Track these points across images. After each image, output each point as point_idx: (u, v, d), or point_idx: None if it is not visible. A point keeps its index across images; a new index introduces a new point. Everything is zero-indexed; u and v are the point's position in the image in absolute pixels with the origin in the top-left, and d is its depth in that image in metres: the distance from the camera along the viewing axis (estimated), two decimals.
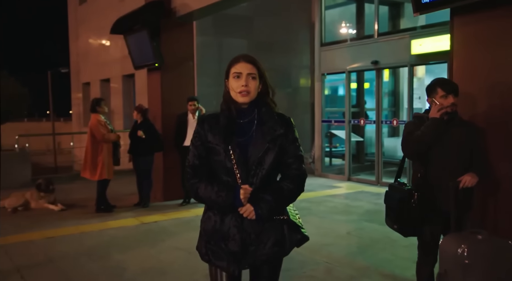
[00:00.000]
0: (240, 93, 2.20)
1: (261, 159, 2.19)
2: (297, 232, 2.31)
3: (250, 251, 2.21)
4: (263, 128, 2.21)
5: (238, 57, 2.27)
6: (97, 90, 17.11)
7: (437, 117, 3.11)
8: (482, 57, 3.41)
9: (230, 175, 2.20)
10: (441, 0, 3.43)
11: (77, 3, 19.19)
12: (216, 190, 2.19)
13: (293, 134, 2.28)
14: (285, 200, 2.25)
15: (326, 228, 6.04)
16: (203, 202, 2.29)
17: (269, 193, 2.19)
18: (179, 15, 7.75)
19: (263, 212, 2.16)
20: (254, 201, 2.16)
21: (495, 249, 2.95)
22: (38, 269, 4.66)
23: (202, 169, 2.25)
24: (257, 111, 2.25)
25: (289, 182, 2.24)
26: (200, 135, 2.26)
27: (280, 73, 14.31)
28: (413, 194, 3.19)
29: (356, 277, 4.30)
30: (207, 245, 2.28)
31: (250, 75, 2.22)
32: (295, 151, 2.27)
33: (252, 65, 2.24)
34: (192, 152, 2.28)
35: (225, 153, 2.18)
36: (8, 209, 7.29)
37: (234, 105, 2.23)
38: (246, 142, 2.21)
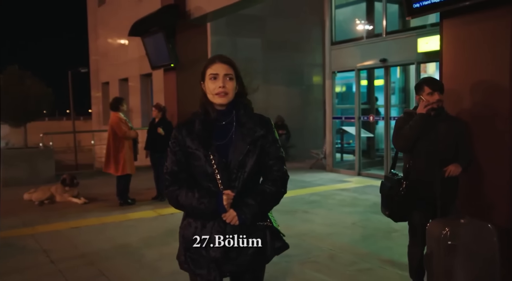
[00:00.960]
0: (218, 94, 2.14)
1: (242, 162, 2.13)
2: (278, 239, 2.26)
3: (232, 258, 2.14)
4: (243, 129, 2.15)
5: (213, 58, 2.21)
6: (116, 89, 17.63)
7: (424, 112, 3.43)
8: (468, 57, 3.70)
9: (211, 180, 2.14)
10: (431, 5, 3.73)
11: (96, 5, 19.74)
12: (197, 196, 2.11)
13: (273, 135, 2.22)
14: (268, 203, 2.20)
15: (333, 219, 6.36)
16: (184, 209, 2.22)
17: (251, 197, 2.13)
18: (193, 17, 8.13)
19: (246, 217, 2.10)
20: (236, 206, 2.10)
21: (475, 231, 3.26)
22: (64, 253, 5.08)
23: (181, 176, 2.18)
24: (235, 112, 2.20)
25: (271, 185, 2.18)
26: (178, 141, 2.18)
27: (293, 71, 14.64)
28: (402, 183, 3.51)
29: (357, 262, 4.63)
30: (186, 253, 2.20)
31: (227, 76, 2.16)
32: (275, 152, 2.20)
33: (228, 65, 2.17)
34: (170, 158, 2.20)
35: (205, 158, 2.12)
36: (35, 202, 7.78)
37: (211, 107, 2.18)
38: (226, 145, 2.15)
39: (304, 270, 4.40)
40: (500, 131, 3.49)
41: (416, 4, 3.82)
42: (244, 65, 12.70)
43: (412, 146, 3.50)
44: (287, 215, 6.53)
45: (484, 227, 3.29)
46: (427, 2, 3.74)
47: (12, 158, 9.84)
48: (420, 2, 3.78)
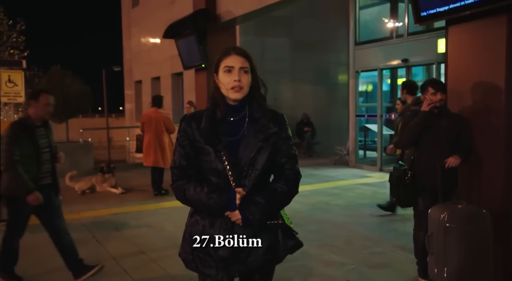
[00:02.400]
0: (233, 88, 2.02)
1: (254, 160, 2.03)
2: (291, 238, 2.16)
3: (241, 258, 2.04)
4: (255, 126, 2.05)
5: (228, 49, 2.09)
6: (148, 87, 18.38)
7: (427, 110, 3.86)
8: (469, 60, 4.09)
9: (220, 176, 2.03)
10: (436, 14, 4.14)
11: (130, 6, 20.55)
12: (206, 191, 2.02)
13: (286, 132, 2.13)
14: (279, 204, 2.10)
15: (351, 210, 6.81)
16: (191, 205, 2.13)
17: (262, 196, 2.03)
18: (223, 20, 8.66)
19: (254, 218, 1.99)
20: (245, 205, 2.00)
21: (471, 215, 3.68)
22: (107, 235, 5.70)
23: (189, 170, 2.08)
24: (248, 107, 2.09)
25: (283, 184, 2.08)
26: (187, 134, 2.08)
27: (319, 70, 15.04)
28: (407, 173, 3.96)
29: (370, 246, 5.08)
30: (193, 251, 2.09)
31: (243, 69, 2.04)
32: (288, 150, 2.11)
33: (244, 58, 2.06)
34: (178, 152, 2.10)
35: (215, 153, 2.02)
36: (78, 192, 8.48)
37: (223, 102, 2.07)
38: (237, 141, 2.04)
39: (321, 252, 4.87)
40: (496, 126, 3.89)
41: (423, 12, 4.24)
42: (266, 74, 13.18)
43: (416, 140, 3.94)
44: (309, 205, 7.00)
45: (479, 211, 3.71)
46: (433, 11, 4.15)
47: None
48: (427, 11, 4.20)
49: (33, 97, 4.09)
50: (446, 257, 3.66)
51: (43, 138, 4.06)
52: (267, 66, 14.37)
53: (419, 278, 4.08)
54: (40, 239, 4.65)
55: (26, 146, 3.93)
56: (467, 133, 3.91)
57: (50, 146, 4.13)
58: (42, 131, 4.07)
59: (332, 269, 4.40)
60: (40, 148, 4.03)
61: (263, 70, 10.51)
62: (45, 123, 4.15)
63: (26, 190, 3.90)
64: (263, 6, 7.56)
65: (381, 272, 4.32)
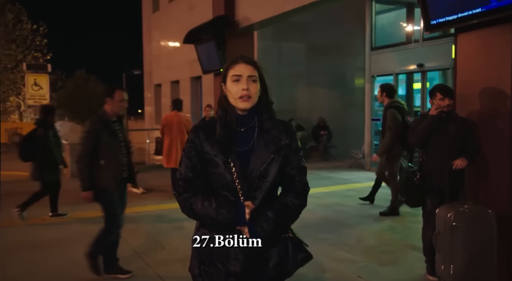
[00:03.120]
0: (241, 98, 1.97)
1: (264, 172, 1.97)
2: (301, 251, 2.11)
3: (252, 272, 1.98)
4: (266, 136, 2.00)
5: (236, 58, 2.04)
6: (168, 91, 18.75)
7: (435, 114, 4.05)
8: (478, 67, 4.26)
9: (229, 189, 1.98)
10: (445, 22, 4.32)
11: (150, 11, 21.00)
12: (215, 206, 1.95)
13: (296, 143, 2.07)
14: (289, 218, 2.05)
15: (364, 212, 6.99)
16: (198, 219, 2.06)
17: (271, 209, 1.98)
18: (241, 26, 8.92)
19: (265, 234, 1.94)
20: (255, 220, 1.95)
21: (476, 215, 3.86)
22: (129, 231, 5.98)
23: (196, 183, 2.02)
24: (257, 117, 2.04)
25: (293, 197, 2.04)
26: (195, 145, 2.02)
27: (336, 74, 15.22)
28: (416, 174, 4.16)
29: (380, 245, 5.27)
30: (200, 266, 2.04)
31: (251, 78, 1.99)
32: (298, 162, 2.06)
33: (252, 66, 2.01)
34: (184, 163, 2.04)
35: (224, 165, 1.96)
36: None
37: (232, 111, 2.01)
38: (247, 152, 2.00)
39: (333, 250, 5.08)
40: (502, 130, 4.05)
41: (433, 21, 4.42)
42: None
43: (425, 143, 4.13)
44: (323, 206, 7.21)
45: (485, 212, 3.89)
46: (443, 20, 4.33)
47: None
48: (437, 20, 4.38)
49: (108, 94, 4.27)
50: (452, 255, 3.84)
51: (119, 133, 4.29)
52: (284, 70, 14.62)
53: (427, 275, 4.26)
54: None
55: (105, 141, 4.13)
56: (473, 136, 4.08)
57: (125, 141, 4.38)
58: (117, 126, 4.29)
59: (343, 265, 4.61)
60: (118, 142, 4.27)
61: (280, 74, 10.90)
62: (120, 119, 4.37)
63: (83, 186, 4.11)
64: (279, 13, 7.79)
65: (390, 269, 4.51)
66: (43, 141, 6.59)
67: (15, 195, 8.77)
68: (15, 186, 10.07)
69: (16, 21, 29.79)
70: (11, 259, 4.94)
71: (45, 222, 6.68)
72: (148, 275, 4.47)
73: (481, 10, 3.98)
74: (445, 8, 4.29)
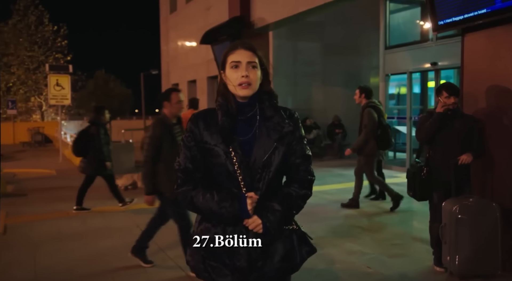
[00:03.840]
0: (240, 85, 1.90)
1: (268, 161, 1.90)
2: (306, 244, 2.05)
3: (257, 267, 1.92)
4: (268, 124, 1.93)
5: (235, 44, 1.97)
6: (185, 90, 19.07)
7: (441, 112, 4.22)
8: (484, 65, 4.41)
9: (231, 180, 1.90)
10: (452, 23, 4.47)
11: (168, 12, 21.36)
12: (217, 199, 1.88)
13: (300, 131, 2.00)
14: (295, 208, 1.98)
15: (378, 207, 7.16)
16: (199, 213, 1.98)
17: (277, 201, 1.92)
18: (257, 27, 9.14)
19: (272, 225, 1.89)
20: (261, 212, 1.89)
21: (480, 207, 4.02)
22: None
23: (195, 174, 1.94)
24: (258, 105, 1.97)
25: (298, 187, 1.98)
26: (194, 134, 1.95)
27: (350, 73, 15.33)
28: (423, 169, 4.33)
29: (390, 238, 5.44)
30: (205, 261, 1.96)
31: (250, 64, 1.91)
32: (302, 151, 2.00)
33: (252, 52, 1.94)
34: (183, 153, 1.96)
35: (225, 155, 1.88)
36: (121, 187, 9.14)
37: (232, 99, 1.95)
38: (248, 141, 1.92)
39: (345, 243, 5.27)
40: (507, 126, 4.20)
41: (440, 21, 4.58)
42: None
43: (431, 139, 4.30)
44: (337, 202, 7.38)
45: (489, 205, 4.05)
46: (450, 20, 4.49)
47: None
48: (444, 20, 4.54)
49: (165, 98, 4.30)
50: (457, 246, 4.02)
51: (179, 136, 4.28)
52: (300, 70, 14.79)
53: (434, 266, 4.42)
54: None
55: (167, 144, 4.16)
56: (478, 133, 4.24)
57: None
58: (178, 128, 4.33)
59: (353, 257, 4.79)
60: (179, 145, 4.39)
61: (296, 73, 11.16)
62: (179, 121, 4.40)
63: (146, 190, 4.25)
64: (294, 14, 8.00)
65: (399, 260, 4.68)
66: (95, 138, 7.07)
67: (39, 191, 9.18)
68: (38, 182, 10.49)
69: (38, 23, 30.57)
70: (41, 249, 5.24)
71: (70, 215, 7.00)
72: (168, 266, 4.71)
73: (486, 11, 4.14)
74: (452, 9, 4.46)
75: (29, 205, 7.83)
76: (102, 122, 7.29)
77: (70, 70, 15.21)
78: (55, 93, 14.50)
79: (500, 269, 4.05)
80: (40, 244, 5.46)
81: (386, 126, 7.00)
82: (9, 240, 5.64)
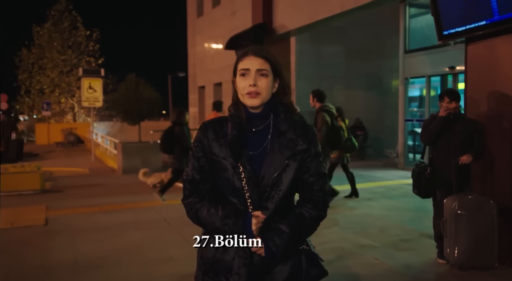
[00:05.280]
0: (248, 94, 1.79)
1: (277, 179, 1.79)
2: (315, 266, 1.91)
3: None
4: (281, 140, 1.81)
5: (246, 50, 1.86)
6: (211, 93, 19.63)
7: (444, 115, 4.57)
8: (485, 73, 4.74)
9: (238, 196, 1.81)
10: (455, 33, 4.81)
11: (195, 16, 21.99)
12: (221, 215, 1.79)
13: (316, 147, 1.87)
14: (306, 231, 1.86)
15: (391, 206, 7.50)
16: (204, 227, 1.90)
17: (286, 222, 1.80)
18: (278, 33, 9.59)
19: (278, 250, 1.76)
20: (267, 233, 1.77)
21: (479, 204, 4.37)
22: (176, 219, 6.77)
23: (203, 186, 1.86)
24: (273, 117, 1.86)
25: (311, 208, 1.85)
26: (203, 145, 1.85)
27: (372, 76, 15.61)
28: (427, 168, 4.69)
29: (401, 234, 5.79)
30: (204, 277, 1.89)
31: (260, 72, 1.80)
32: (317, 168, 1.86)
33: (263, 59, 1.81)
34: (191, 164, 1.88)
35: (233, 169, 1.79)
36: (150, 185, 9.71)
37: (243, 109, 1.84)
38: (259, 156, 1.82)
39: (357, 238, 5.65)
40: (506, 129, 4.51)
41: (445, 31, 4.92)
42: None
43: (434, 141, 4.66)
44: (353, 201, 7.75)
45: (487, 202, 4.39)
46: (453, 31, 4.82)
47: (129, 150, 12.03)
48: (448, 30, 4.87)
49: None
50: (456, 240, 4.37)
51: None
52: (322, 73, 15.13)
53: (437, 259, 4.77)
54: None
55: None
56: (478, 135, 4.57)
57: None
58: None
59: (363, 250, 5.17)
60: None
61: (318, 76, 11.68)
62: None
63: None
64: (313, 21, 8.41)
65: (405, 253, 5.04)
66: (181, 136, 7.93)
67: (74, 188, 9.83)
68: (72, 180, 11.18)
69: (72, 28, 31.80)
70: (78, 238, 5.80)
71: (103, 210, 7.57)
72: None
73: (486, 22, 4.47)
74: (455, 20, 4.80)
75: (66, 200, 8.46)
76: (185, 122, 8.15)
77: (102, 74, 15.96)
78: (87, 95, 15.24)
79: (497, 261, 4.37)
80: (78, 234, 6.03)
81: (338, 128, 7.29)
82: (50, 230, 6.23)
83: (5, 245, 5.51)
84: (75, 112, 32.89)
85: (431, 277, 4.50)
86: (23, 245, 5.52)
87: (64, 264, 4.88)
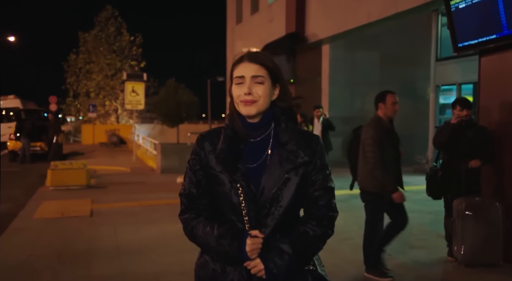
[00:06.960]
0: (243, 102, 1.68)
1: (277, 194, 1.68)
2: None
3: None
4: (282, 151, 1.69)
5: (241, 56, 1.74)
6: None
7: (455, 122, 4.90)
8: (497, 83, 5.03)
9: (236, 213, 1.70)
10: (469, 46, 5.13)
11: (234, 23, 22.70)
12: (216, 235, 1.68)
13: (321, 159, 1.74)
14: (311, 251, 1.73)
15: (413, 208, 7.65)
16: (199, 245, 1.79)
17: (288, 242, 1.68)
18: (310, 42, 10.05)
19: (279, 271, 1.65)
20: (266, 253, 1.66)
21: (485, 205, 4.68)
22: None
23: (200, 201, 1.76)
24: (274, 126, 1.74)
25: (316, 225, 1.73)
26: (199, 157, 1.74)
27: (405, 83, 15.73)
28: (438, 172, 5.03)
29: (418, 234, 6.11)
30: None
31: (255, 79, 1.68)
32: (323, 182, 1.74)
33: (258, 65, 1.69)
34: (188, 177, 1.77)
35: (230, 184, 1.68)
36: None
37: (239, 119, 1.72)
38: (258, 169, 1.70)
39: None
40: None
41: (460, 44, 5.25)
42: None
43: (446, 146, 4.99)
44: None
45: (493, 203, 4.70)
46: (467, 43, 5.15)
47: (168, 151, 12.73)
48: (462, 43, 5.20)
49: (380, 99, 4.39)
50: (463, 238, 4.69)
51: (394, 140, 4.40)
52: (356, 79, 15.39)
53: (447, 257, 5.09)
54: None
55: (387, 146, 4.24)
56: (488, 141, 4.88)
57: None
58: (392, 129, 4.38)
59: None
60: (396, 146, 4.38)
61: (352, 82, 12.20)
62: (391, 122, 4.39)
63: (392, 189, 4.30)
64: (343, 31, 8.81)
65: (418, 251, 5.38)
66: None
67: (116, 185, 10.58)
68: (115, 178, 11.98)
69: (117, 33, 33.25)
70: (120, 228, 6.43)
71: (142, 205, 8.20)
72: None
73: (496, 36, 4.79)
74: (469, 34, 5.13)
75: (109, 195, 9.18)
76: None
77: (144, 78, 16.80)
78: (130, 98, 16.09)
79: (501, 259, 4.66)
80: (119, 224, 6.66)
81: None
82: (95, 221, 6.90)
83: (56, 231, 6.22)
84: (118, 114, 34.28)
85: (438, 272, 4.83)
86: (72, 232, 6.21)
87: (107, 249, 5.50)
